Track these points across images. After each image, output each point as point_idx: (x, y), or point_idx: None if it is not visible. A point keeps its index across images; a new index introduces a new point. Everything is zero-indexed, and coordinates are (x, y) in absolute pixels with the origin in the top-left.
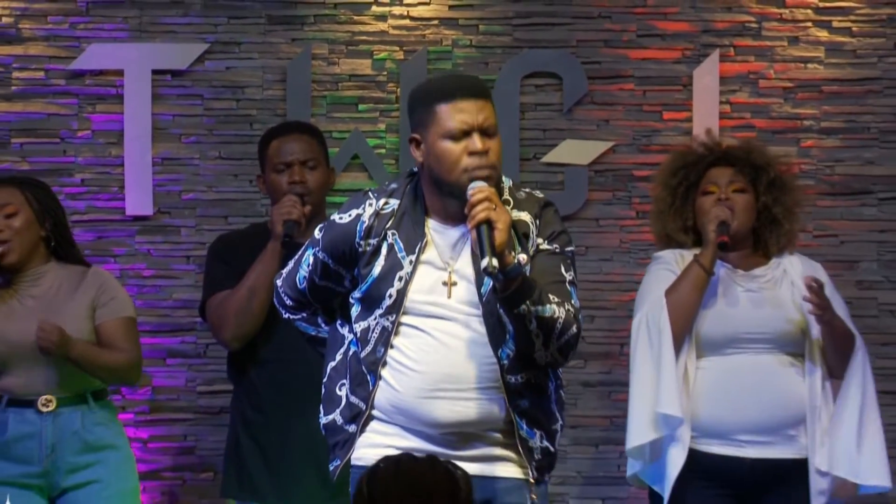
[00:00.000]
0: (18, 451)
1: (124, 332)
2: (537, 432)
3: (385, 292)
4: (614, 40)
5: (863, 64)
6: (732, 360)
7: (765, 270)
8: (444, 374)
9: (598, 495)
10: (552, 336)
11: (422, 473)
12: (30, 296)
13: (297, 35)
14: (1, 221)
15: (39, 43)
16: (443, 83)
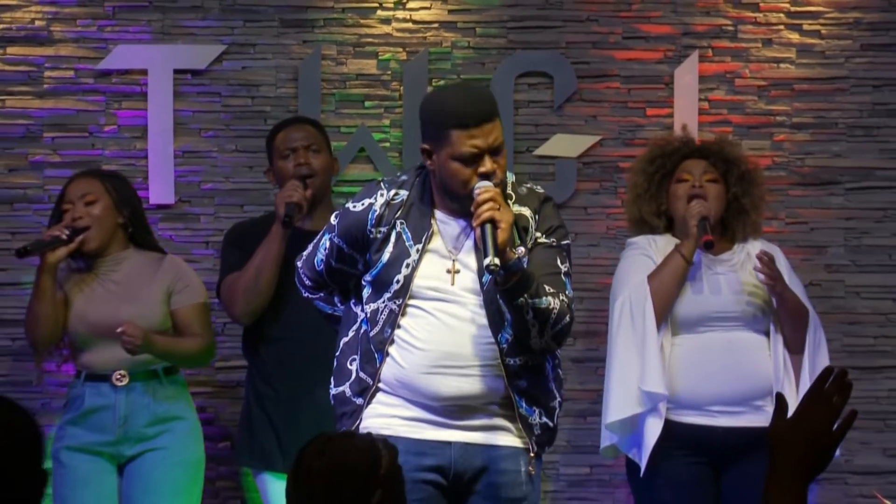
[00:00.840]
0: (93, 421)
1: (198, 318)
2: (536, 409)
3: (393, 278)
4: (601, 42)
5: (831, 64)
6: (704, 337)
7: (731, 255)
8: (446, 352)
9: (586, 463)
10: (547, 325)
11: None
12: (110, 280)
13: (307, 37)
14: (81, 209)
15: (69, 44)
16: (457, 107)
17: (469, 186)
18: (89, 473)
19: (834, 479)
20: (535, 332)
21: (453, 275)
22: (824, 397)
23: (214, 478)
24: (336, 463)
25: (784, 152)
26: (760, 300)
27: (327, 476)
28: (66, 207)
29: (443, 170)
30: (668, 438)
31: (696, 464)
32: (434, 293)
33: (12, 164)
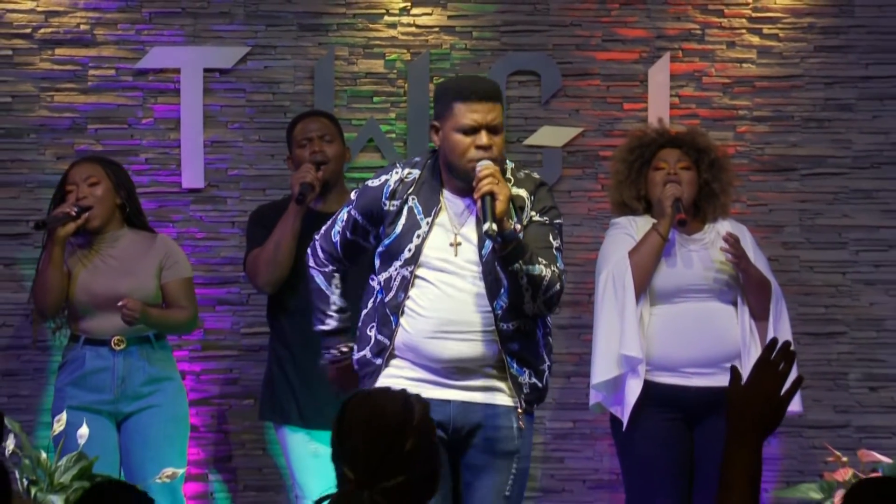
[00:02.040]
0: (93, 381)
1: (184, 291)
2: (526, 371)
3: (405, 247)
4: (583, 44)
5: (788, 63)
6: (679, 307)
7: (702, 234)
8: (447, 319)
9: (569, 418)
10: (539, 291)
11: (378, 399)
12: (109, 256)
13: (322, 40)
14: (86, 189)
15: (111, 46)
16: (463, 84)
17: (467, 157)
18: (92, 430)
19: (790, 432)
20: (529, 297)
21: (456, 247)
22: (772, 365)
23: (240, 430)
24: (374, 414)
25: (746, 142)
26: (728, 275)
27: (366, 426)
28: (70, 188)
29: (446, 142)
30: (646, 397)
31: (671, 419)
32: (439, 262)
33: (60, 153)
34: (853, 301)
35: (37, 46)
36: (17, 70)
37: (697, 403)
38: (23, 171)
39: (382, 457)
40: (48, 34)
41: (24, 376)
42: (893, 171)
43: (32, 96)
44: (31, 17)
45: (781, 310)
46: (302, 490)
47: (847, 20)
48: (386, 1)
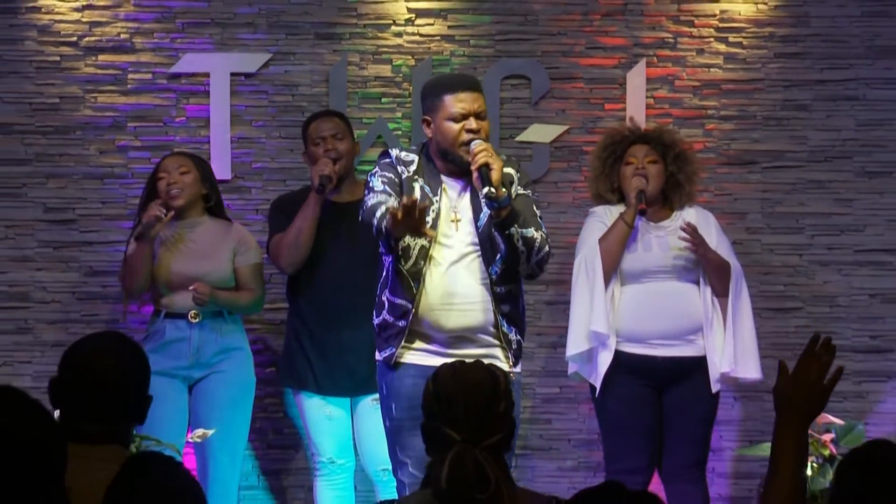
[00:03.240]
0: (172, 350)
1: (254, 275)
2: (513, 328)
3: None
4: (569, 51)
5: (751, 68)
6: (647, 286)
7: (669, 221)
8: (450, 293)
9: (556, 384)
10: (532, 252)
11: (469, 370)
12: (190, 240)
13: (336, 47)
14: (177, 176)
15: (148, 52)
16: (448, 79)
17: (459, 140)
18: (167, 392)
19: (752, 396)
20: (524, 258)
21: (456, 223)
22: (816, 357)
23: (263, 396)
24: (469, 384)
25: (714, 139)
26: (690, 257)
27: (465, 395)
28: (162, 176)
29: (438, 131)
30: (619, 366)
31: (641, 385)
32: (443, 238)
33: (102, 148)
34: (808, 280)
35: (82, 53)
36: (64, 74)
37: (664, 371)
38: (70, 164)
39: (482, 419)
40: (92, 42)
41: None
42: (845, 164)
43: (78, 97)
44: (76, 27)
45: (741, 287)
46: (317, 448)
47: (803, 30)
48: (393, 13)
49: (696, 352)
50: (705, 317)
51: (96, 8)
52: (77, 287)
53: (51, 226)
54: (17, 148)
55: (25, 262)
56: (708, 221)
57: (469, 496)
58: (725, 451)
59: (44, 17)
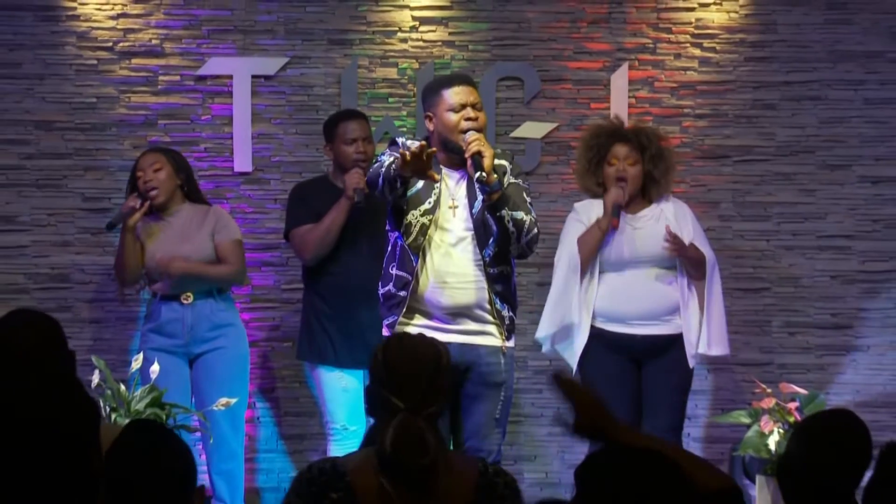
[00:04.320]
0: (168, 329)
1: (232, 250)
2: (506, 305)
3: (426, 199)
4: (558, 55)
5: (723, 71)
6: (626, 274)
7: (647, 212)
8: (446, 272)
9: (546, 358)
10: (522, 233)
11: (417, 345)
12: (170, 226)
13: (347, 52)
14: (151, 174)
15: (176, 56)
16: (445, 77)
17: (459, 128)
18: (168, 367)
19: (724, 368)
20: (514, 239)
21: (453, 209)
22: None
23: (281, 367)
24: (416, 357)
25: (689, 135)
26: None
27: (410, 366)
28: (139, 175)
29: (440, 122)
30: (600, 343)
31: (621, 361)
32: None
33: (135, 143)
34: (775, 263)
35: (117, 57)
36: (100, 76)
37: (643, 348)
38: (106, 158)
39: (425, 390)
40: (126, 47)
41: (107, 324)
42: (808, 158)
43: (113, 97)
44: (112, 34)
45: (714, 275)
46: (331, 416)
47: (771, 36)
48: (399, 20)
49: (673, 330)
50: (682, 299)
51: (130, 16)
52: (112, 269)
53: (89, 214)
54: (59, 143)
55: (66, 247)
56: (684, 213)
57: (411, 461)
58: (700, 418)
59: (82, 24)
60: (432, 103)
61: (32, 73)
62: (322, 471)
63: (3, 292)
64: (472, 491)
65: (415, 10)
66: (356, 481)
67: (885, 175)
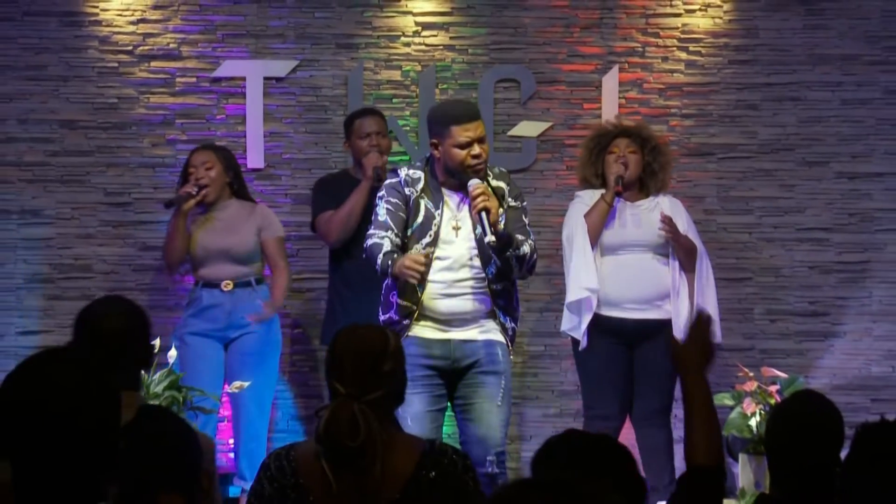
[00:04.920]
0: (208, 314)
1: (278, 247)
2: (508, 318)
3: (427, 232)
4: (552, 59)
5: (708, 73)
6: (623, 258)
7: (645, 203)
8: (451, 282)
9: (542, 343)
10: (524, 263)
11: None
12: (219, 220)
13: (354, 55)
14: (203, 172)
15: (193, 59)
16: (454, 110)
17: (465, 164)
18: (205, 350)
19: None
20: (517, 269)
21: (457, 230)
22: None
23: (292, 352)
24: (360, 342)
25: (676, 133)
26: (662, 234)
27: (354, 352)
28: (191, 171)
29: (447, 155)
30: (597, 327)
31: (615, 343)
32: (447, 243)
33: (154, 141)
34: (757, 254)
35: (136, 60)
36: (121, 78)
37: (636, 331)
38: (126, 155)
39: (366, 376)
40: (145, 51)
41: None
42: (788, 155)
43: (133, 98)
44: (132, 38)
45: (704, 264)
46: None
47: (753, 40)
48: (402, 25)
49: (664, 315)
50: (673, 286)
51: (149, 21)
52: (132, 260)
53: (110, 208)
54: (82, 141)
55: (88, 239)
56: (678, 208)
57: (340, 444)
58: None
59: (104, 29)
60: (440, 133)
61: (57, 75)
62: (278, 456)
63: (30, 281)
64: (413, 469)
65: (417, 16)
66: (302, 466)
67: (861, 171)
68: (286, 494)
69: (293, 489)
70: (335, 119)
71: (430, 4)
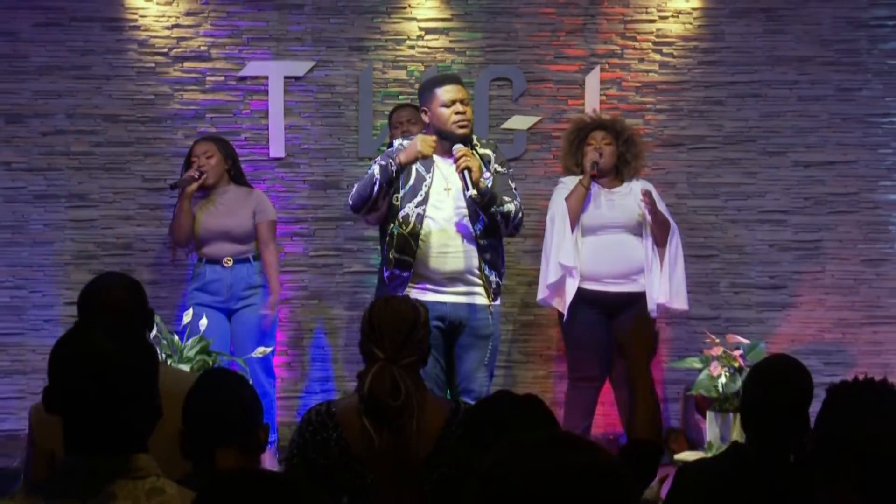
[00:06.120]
0: (211, 288)
1: (269, 230)
2: (493, 272)
3: (418, 192)
4: (541, 60)
5: (679, 73)
6: (602, 237)
7: (620, 188)
8: (442, 243)
9: (531, 313)
10: (509, 220)
11: (398, 304)
12: (220, 203)
13: (364, 57)
14: (204, 160)
15: (221, 60)
16: (438, 77)
17: (451, 121)
18: (211, 320)
19: (680, 322)
20: (503, 226)
21: (448, 191)
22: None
23: (308, 320)
24: (396, 314)
25: (651, 126)
26: (636, 216)
27: (391, 321)
28: (194, 159)
29: (434, 116)
30: (580, 298)
31: (596, 313)
32: (438, 203)
33: (187, 133)
34: (723, 234)
35: (171, 61)
36: (157, 77)
37: (614, 302)
38: (162, 146)
39: (402, 342)
40: (179, 52)
41: (163, 284)
42: (751, 146)
43: (168, 95)
44: (167, 41)
45: (675, 241)
46: None
47: (720, 44)
48: (407, 30)
49: (639, 288)
50: (646, 261)
51: (182, 27)
52: (167, 239)
53: (148, 192)
54: (122, 133)
55: (128, 220)
56: (651, 191)
57: (385, 402)
58: (660, 363)
59: (142, 33)
60: (427, 100)
61: (100, 74)
62: (318, 413)
63: (77, 258)
64: (442, 426)
65: (421, 22)
66: (344, 421)
67: (815, 160)
68: (329, 447)
69: (336, 442)
70: (348, 113)
71: (432, 11)
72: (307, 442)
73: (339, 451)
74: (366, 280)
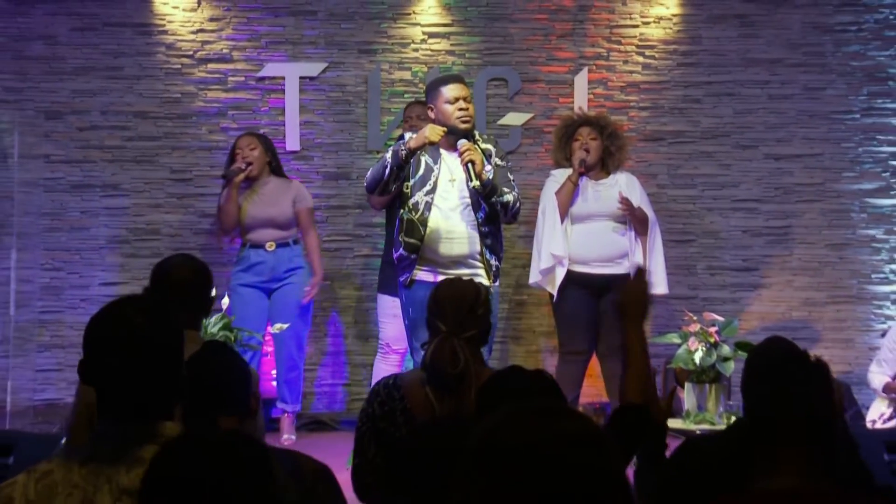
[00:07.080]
0: (255, 270)
1: (309, 216)
2: (493, 256)
3: (427, 181)
4: (534, 62)
5: (660, 73)
6: (589, 225)
7: (606, 180)
8: (448, 230)
9: (525, 293)
10: (508, 209)
11: (461, 283)
12: (262, 193)
13: (372, 59)
14: (248, 152)
15: (242, 62)
16: (443, 77)
17: (454, 116)
18: (252, 298)
19: (661, 302)
20: (502, 214)
21: (452, 182)
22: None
23: (322, 300)
24: (459, 291)
25: (634, 122)
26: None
27: (454, 298)
28: (238, 152)
29: (439, 112)
30: (569, 280)
31: (584, 294)
32: (444, 192)
33: (211, 129)
34: (700, 220)
35: (195, 62)
36: (183, 77)
37: (600, 284)
38: (187, 140)
39: (464, 317)
40: (203, 55)
41: None
42: (726, 140)
43: (193, 94)
44: (192, 45)
45: (655, 231)
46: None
47: (697, 47)
48: (412, 35)
49: (622, 270)
50: (630, 247)
51: (206, 31)
52: (193, 225)
53: (175, 183)
54: (152, 129)
55: (157, 208)
56: (634, 183)
57: (444, 371)
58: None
59: (170, 37)
60: (433, 97)
61: (132, 74)
62: (386, 385)
63: (111, 242)
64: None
65: (424, 27)
66: (408, 392)
67: (784, 153)
68: (395, 417)
69: (402, 412)
70: (357, 111)
71: (434, 17)
72: (375, 413)
73: (405, 421)
74: (373, 263)
